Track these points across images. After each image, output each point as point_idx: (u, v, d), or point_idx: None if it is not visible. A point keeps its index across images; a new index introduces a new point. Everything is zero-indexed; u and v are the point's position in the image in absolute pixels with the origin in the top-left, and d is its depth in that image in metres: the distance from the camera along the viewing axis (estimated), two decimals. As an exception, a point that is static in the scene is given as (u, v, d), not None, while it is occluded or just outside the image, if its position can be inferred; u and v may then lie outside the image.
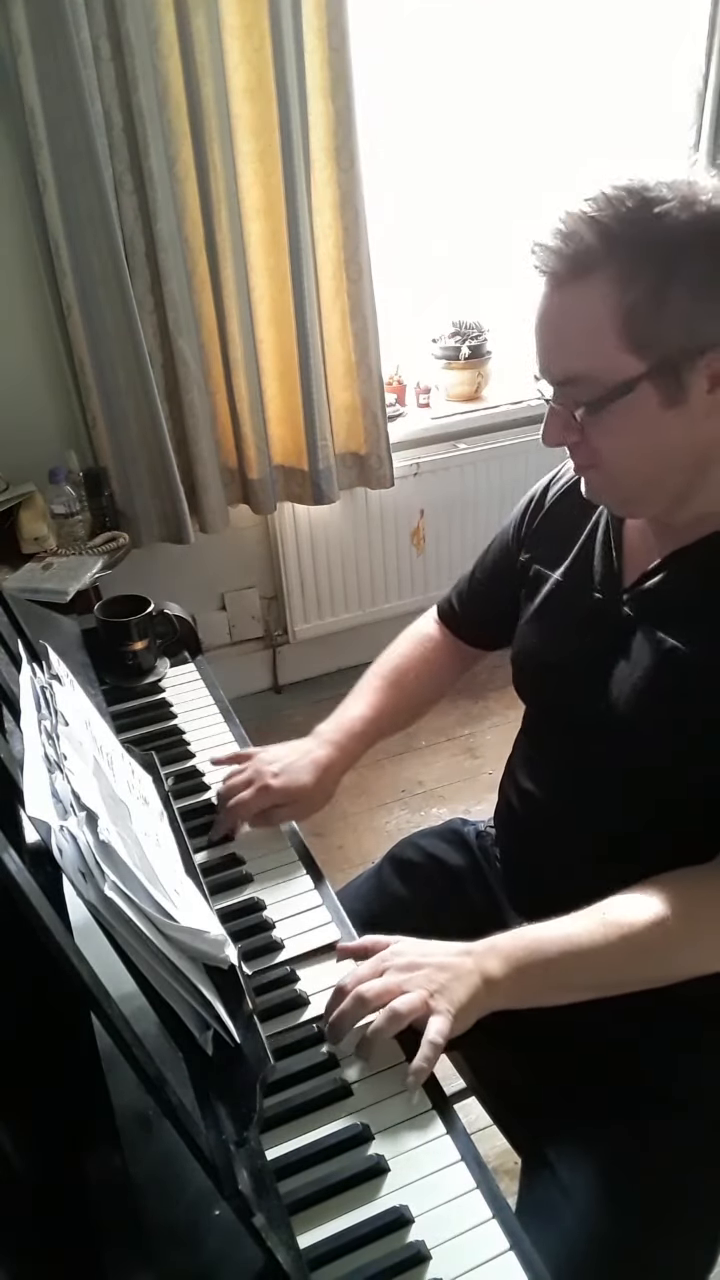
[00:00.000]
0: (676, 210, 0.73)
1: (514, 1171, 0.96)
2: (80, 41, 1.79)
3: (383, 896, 1.14)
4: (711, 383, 0.77)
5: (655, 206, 0.74)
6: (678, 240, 0.73)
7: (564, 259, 0.76)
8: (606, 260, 0.75)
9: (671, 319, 0.74)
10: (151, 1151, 0.61)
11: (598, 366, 0.77)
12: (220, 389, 2.23)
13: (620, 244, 0.74)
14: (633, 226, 0.74)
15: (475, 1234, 0.67)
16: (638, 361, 0.76)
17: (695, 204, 0.74)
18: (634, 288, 0.74)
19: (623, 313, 0.75)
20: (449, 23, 2.24)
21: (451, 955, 0.80)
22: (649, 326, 0.75)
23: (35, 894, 0.51)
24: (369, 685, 1.19)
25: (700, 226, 0.73)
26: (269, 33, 1.91)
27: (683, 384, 0.77)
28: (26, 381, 2.15)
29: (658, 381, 0.76)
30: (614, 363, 0.76)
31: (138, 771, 0.98)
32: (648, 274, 0.74)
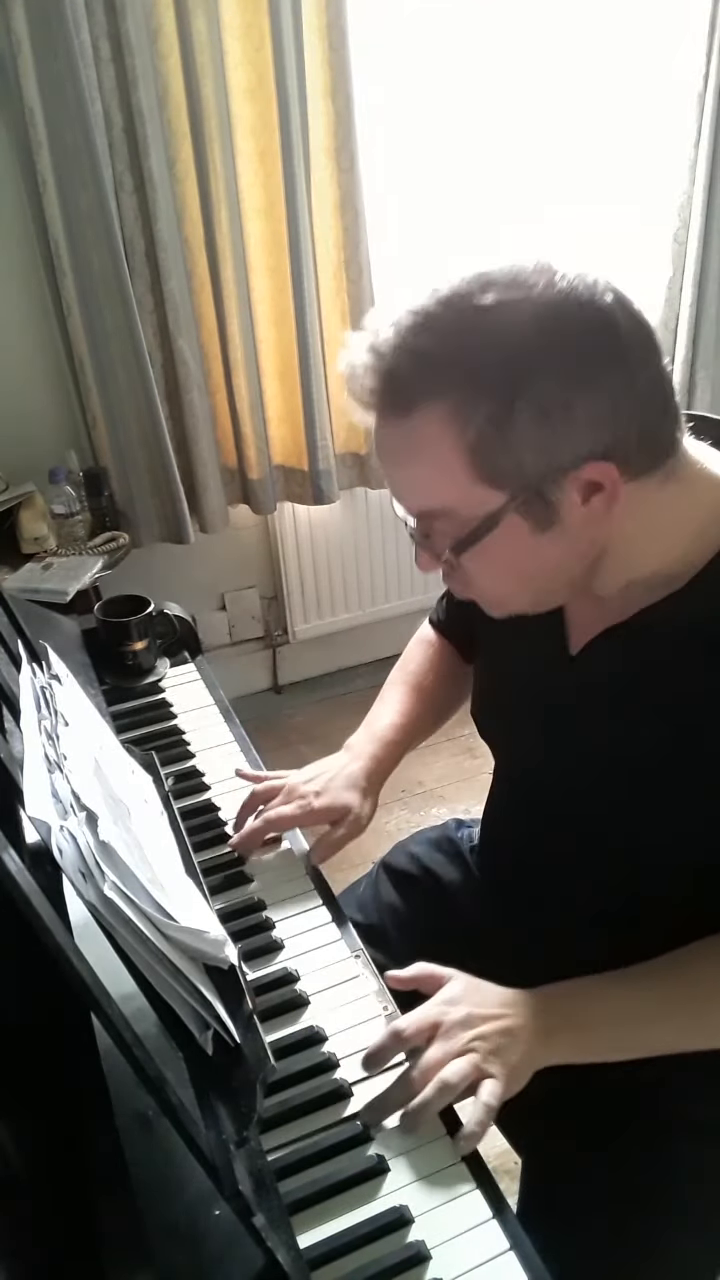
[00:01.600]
0: (503, 319, 0.64)
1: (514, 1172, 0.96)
2: (80, 41, 1.79)
3: (380, 907, 1.13)
4: (584, 495, 0.68)
5: (480, 318, 0.64)
6: (511, 361, 0.64)
7: (384, 396, 0.68)
8: (433, 392, 0.65)
9: (522, 448, 0.65)
10: (151, 1151, 0.61)
11: (451, 502, 0.69)
12: (220, 389, 2.23)
13: (446, 374, 0.65)
14: (457, 350, 0.64)
15: (475, 1234, 0.67)
16: (496, 493, 0.68)
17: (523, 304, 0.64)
18: (473, 419, 0.64)
19: (466, 448, 0.66)
20: (449, 22, 2.23)
21: (508, 1009, 0.76)
22: (499, 459, 0.66)
23: (35, 894, 0.51)
24: (392, 693, 1.13)
25: (532, 333, 0.63)
26: (269, 33, 1.91)
27: (551, 506, 0.68)
28: (26, 382, 2.15)
29: (524, 510, 0.68)
30: (469, 496, 0.68)
31: (138, 771, 0.98)
32: (484, 406, 0.64)
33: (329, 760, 1.06)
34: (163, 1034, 0.67)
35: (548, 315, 0.64)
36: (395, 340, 0.66)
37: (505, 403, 0.64)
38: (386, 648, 2.80)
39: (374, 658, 2.79)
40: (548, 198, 2.46)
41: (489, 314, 0.64)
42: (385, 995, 0.86)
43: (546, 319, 0.64)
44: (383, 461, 0.73)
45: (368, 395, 0.69)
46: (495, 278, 0.65)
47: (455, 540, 0.71)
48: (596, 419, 0.66)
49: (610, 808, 0.83)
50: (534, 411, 0.64)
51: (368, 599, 2.67)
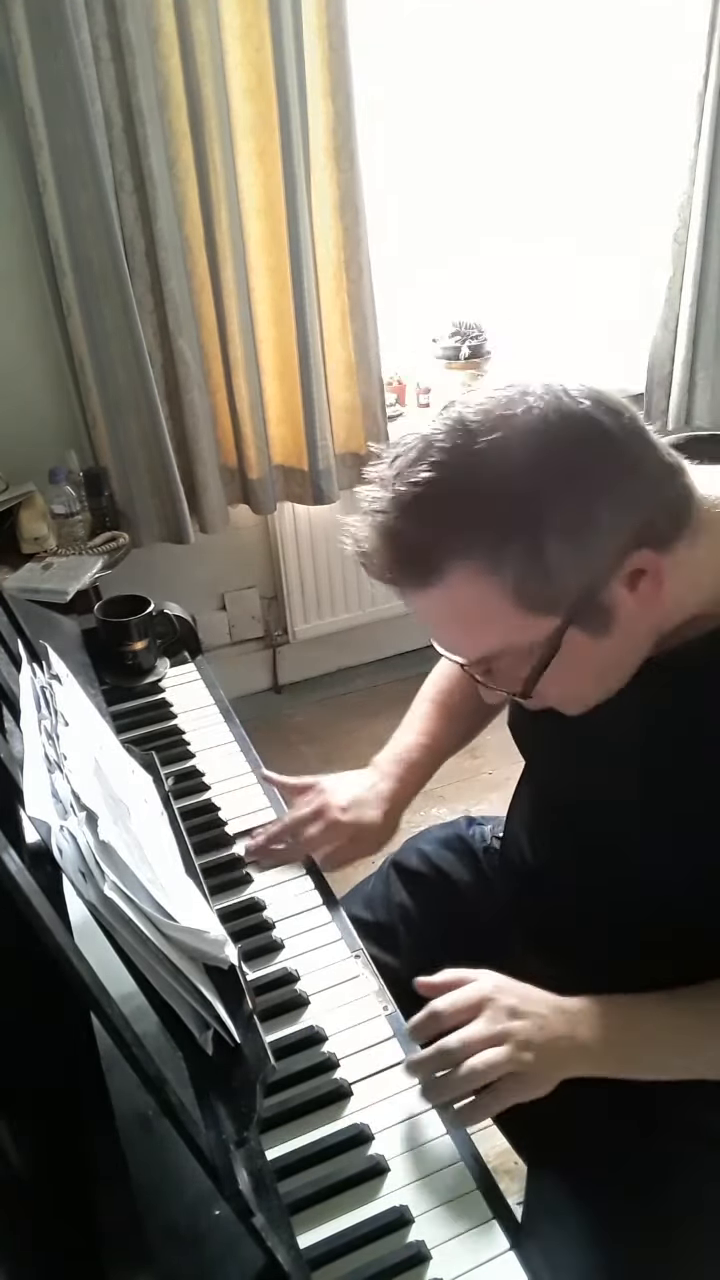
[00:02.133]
0: (498, 461, 0.63)
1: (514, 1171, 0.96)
2: (80, 41, 1.79)
3: (389, 906, 1.12)
4: (631, 585, 0.68)
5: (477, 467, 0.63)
6: (521, 494, 0.63)
7: (409, 574, 0.67)
8: (459, 555, 0.64)
9: (563, 570, 0.65)
10: (151, 1151, 0.61)
11: (510, 642, 0.69)
12: (220, 389, 2.23)
13: (464, 533, 0.64)
14: (467, 507, 0.64)
15: (475, 1234, 0.67)
16: (549, 619, 0.68)
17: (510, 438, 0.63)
18: (506, 566, 0.64)
19: (509, 592, 0.65)
20: (449, 22, 2.24)
21: (550, 1011, 0.76)
22: (544, 590, 0.66)
23: (35, 894, 0.51)
24: (420, 712, 1.13)
25: (533, 461, 0.63)
26: (269, 33, 1.90)
27: (606, 610, 0.68)
28: (26, 382, 2.15)
29: (581, 624, 0.68)
30: (526, 630, 0.68)
31: (138, 771, 0.98)
32: (512, 545, 0.64)
33: (356, 775, 1.07)
34: (163, 1034, 0.67)
35: (537, 445, 0.63)
36: (400, 519, 0.66)
37: (531, 541, 0.64)
38: (386, 648, 2.80)
39: (374, 658, 2.79)
40: (548, 197, 2.46)
41: (481, 465, 0.64)
42: (385, 995, 0.86)
43: (538, 449, 0.63)
44: (425, 623, 0.72)
45: (389, 576, 0.68)
46: (471, 423, 0.64)
47: (528, 672, 0.70)
48: (621, 518, 0.66)
49: (634, 838, 0.82)
50: (561, 538, 0.64)
51: (368, 599, 2.67)
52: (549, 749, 0.94)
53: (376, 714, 2.58)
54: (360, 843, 1.01)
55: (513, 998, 0.76)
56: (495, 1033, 0.73)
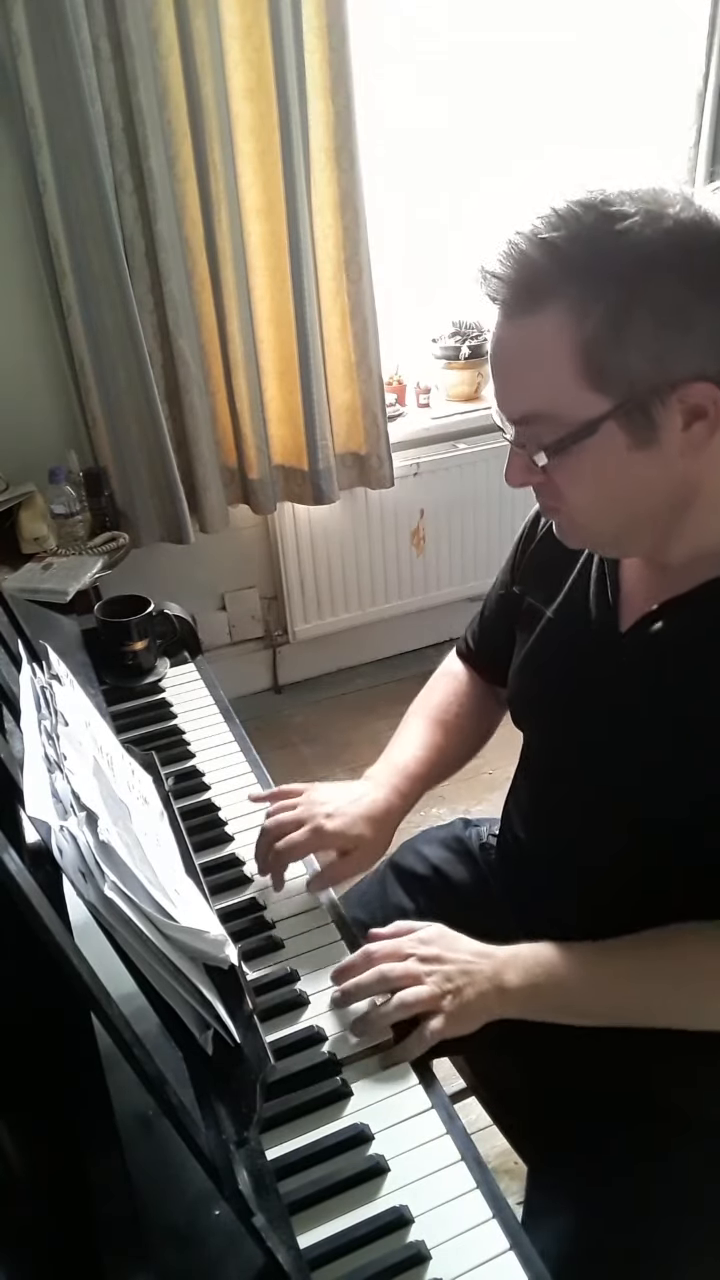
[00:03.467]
0: (639, 226, 0.65)
1: (514, 1171, 0.96)
2: (80, 41, 1.79)
3: (386, 906, 1.12)
4: (686, 419, 0.69)
5: (616, 223, 0.66)
6: (640, 261, 0.65)
7: (513, 286, 0.69)
8: (560, 286, 0.67)
9: (636, 351, 0.66)
10: (151, 1151, 0.61)
11: (556, 405, 0.70)
12: (220, 389, 2.23)
13: (575, 267, 0.67)
14: (589, 247, 0.66)
15: (475, 1234, 0.67)
16: (601, 399, 0.68)
17: (662, 218, 0.66)
18: (592, 316, 0.66)
19: (581, 345, 0.67)
20: (449, 22, 2.24)
21: (473, 956, 0.81)
22: (611, 360, 0.67)
23: (35, 894, 0.51)
24: (415, 726, 1.10)
25: (666, 244, 0.65)
26: (269, 33, 1.91)
27: (653, 422, 0.69)
28: (26, 382, 2.15)
29: (624, 421, 0.69)
30: (574, 401, 0.69)
31: (138, 771, 0.98)
32: (607, 300, 0.66)
33: (347, 785, 1.03)
34: (163, 1034, 0.67)
35: (679, 230, 0.66)
36: (531, 234, 0.68)
37: (625, 303, 0.66)
38: (386, 648, 2.80)
39: (374, 658, 2.80)
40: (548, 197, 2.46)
41: (625, 221, 0.66)
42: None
43: (678, 233, 0.66)
44: (496, 360, 0.74)
45: (498, 286, 0.70)
46: (637, 193, 0.67)
47: (554, 441, 0.71)
48: (712, 338, 0.67)
49: (649, 790, 0.82)
50: (652, 316, 0.66)
51: (368, 599, 2.67)
52: (559, 712, 0.92)
53: (376, 714, 2.58)
54: (350, 859, 0.97)
55: (437, 945, 0.82)
56: (419, 970, 0.79)
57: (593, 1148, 0.87)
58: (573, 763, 0.91)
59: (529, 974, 0.80)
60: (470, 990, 0.79)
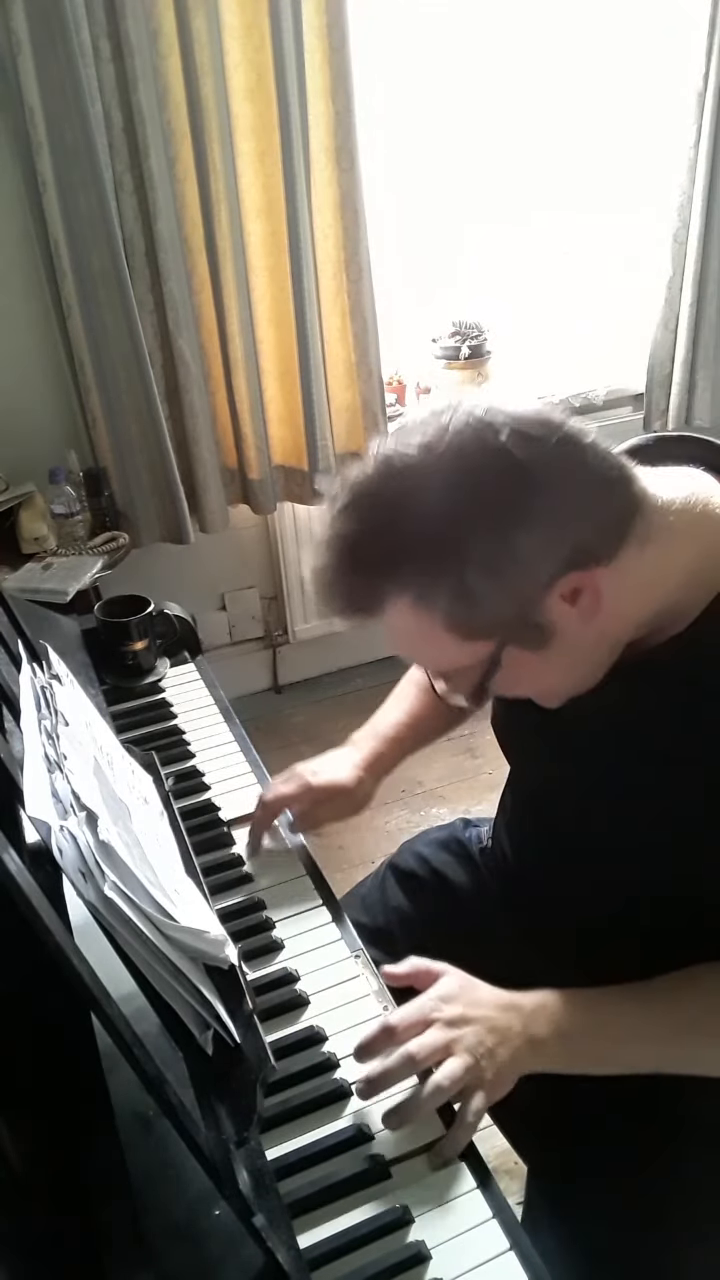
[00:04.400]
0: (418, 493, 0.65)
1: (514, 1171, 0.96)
2: (80, 41, 1.79)
3: (386, 909, 1.12)
4: (570, 601, 0.69)
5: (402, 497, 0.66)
6: (441, 531, 0.65)
7: (353, 612, 0.71)
8: (393, 592, 0.68)
9: (491, 602, 0.67)
10: (151, 1151, 0.61)
11: (453, 663, 0.73)
12: (220, 389, 2.23)
13: (394, 572, 0.67)
14: (394, 549, 0.66)
15: (475, 1234, 0.67)
16: (486, 643, 0.70)
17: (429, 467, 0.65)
18: (436, 600, 0.67)
19: (442, 622, 0.68)
20: (449, 22, 2.24)
21: (500, 1011, 0.76)
22: (473, 619, 0.68)
23: (35, 894, 0.51)
24: (403, 691, 1.15)
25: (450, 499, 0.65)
26: (269, 33, 1.90)
27: (543, 627, 0.70)
28: (27, 382, 2.15)
29: (519, 642, 0.70)
30: (464, 655, 0.71)
31: (138, 771, 0.98)
32: (438, 582, 0.66)
33: (332, 751, 1.09)
34: (163, 1034, 0.67)
35: (454, 483, 0.65)
36: (336, 571, 0.69)
37: (454, 577, 0.66)
38: (386, 648, 2.79)
39: (374, 658, 2.79)
40: (548, 197, 2.46)
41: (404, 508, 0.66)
42: (385, 995, 0.86)
43: (454, 487, 0.65)
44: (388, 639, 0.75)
45: (339, 613, 0.72)
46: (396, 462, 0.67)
47: (470, 689, 0.74)
48: (545, 546, 0.66)
49: (604, 836, 0.83)
50: (481, 572, 0.66)
51: (368, 599, 2.67)
52: (526, 749, 0.95)
53: (376, 714, 2.58)
54: (333, 803, 1.03)
55: (460, 1002, 0.76)
56: (449, 1038, 0.74)
57: (593, 1148, 0.87)
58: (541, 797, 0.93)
59: (558, 1025, 0.76)
60: (503, 1051, 0.74)
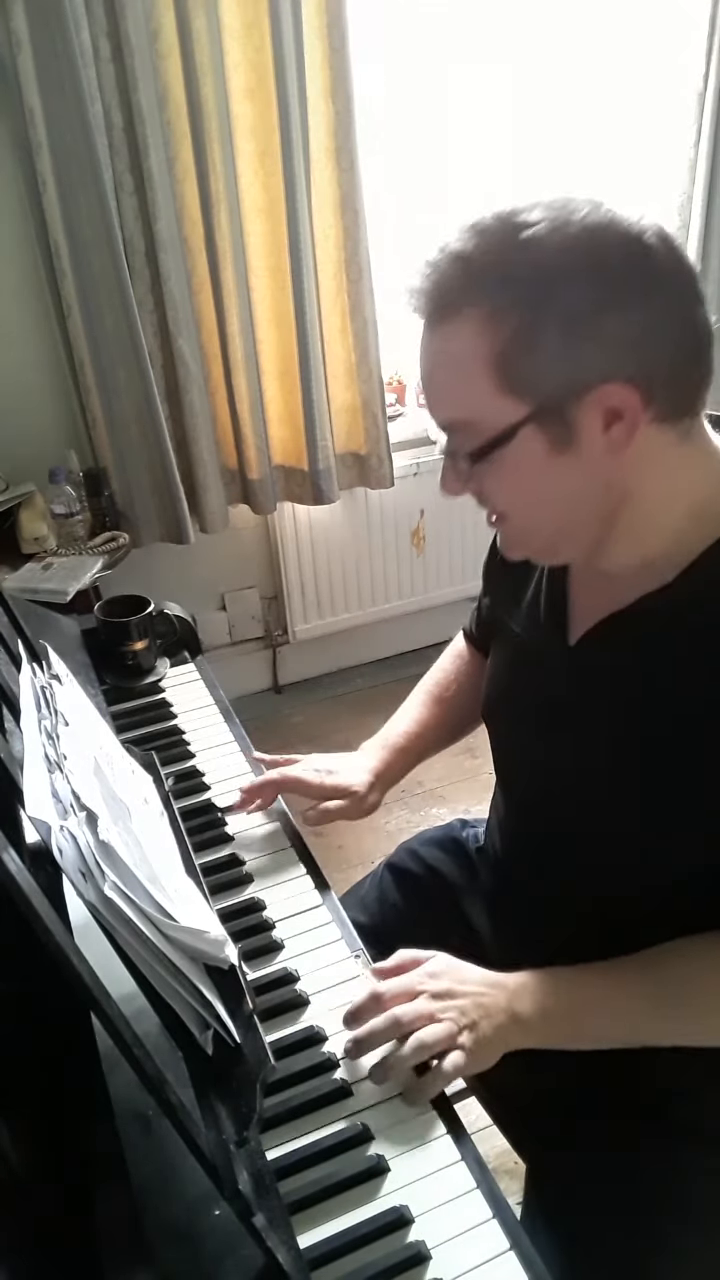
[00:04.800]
0: (545, 235, 0.66)
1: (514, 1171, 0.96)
2: (80, 41, 1.79)
3: (383, 908, 1.13)
4: (605, 421, 0.69)
5: (522, 232, 0.67)
6: (546, 272, 0.66)
7: (430, 299, 0.71)
8: (471, 299, 0.68)
9: (548, 357, 0.67)
10: (151, 1151, 0.61)
11: (475, 412, 0.71)
12: (220, 389, 2.23)
13: (484, 280, 0.68)
14: (498, 260, 0.68)
15: (475, 1234, 0.67)
16: (517, 405, 0.69)
17: (567, 225, 0.66)
18: (503, 327, 0.67)
19: (494, 355, 0.68)
20: (450, 22, 2.23)
21: (486, 987, 0.79)
22: (524, 367, 0.68)
23: (35, 894, 0.51)
24: (414, 700, 1.18)
25: (570, 252, 0.66)
26: (269, 33, 1.91)
27: (570, 426, 0.69)
28: (26, 381, 2.15)
29: (542, 426, 0.70)
30: (491, 408, 0.70)
31: (138, 771, 0.98)
32: (516, 311, 0.67)
33: (341, 754, 1.11)
34: (163, 1034, 0.67)
35: (586, 236, 0.67)
36: (446, 250, 0.70)
37: (534, 311, 0.67)
38: (386, 648, 2.80)
39: (374, 658, 2.79)
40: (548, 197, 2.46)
41: (532, 230, 0.67)
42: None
43: (584, 238, 0.66)
44: (422, 368, 0.75)
45: (416, 298, 0.72)
46: (546, 201, 0.68)
47: (475, 448, 0.72)
48: (623, 340, 0.67)
49: (607, 804, 0.82)
50: (561, 323, 0.67)
51: (368, 599, 2.67)
52: (518, 725, 0.94)
53: (376, 714, 2.56)
54: (341, 805, 1.04)
55: (447, 978, 0.80)
56: (433, 1008, 0.77)
57: (593, 1148, 0.87)
58: (528, 778, 0.93)
59: (541, 1001, 0.79)
60: (486, 1024, 0.77)
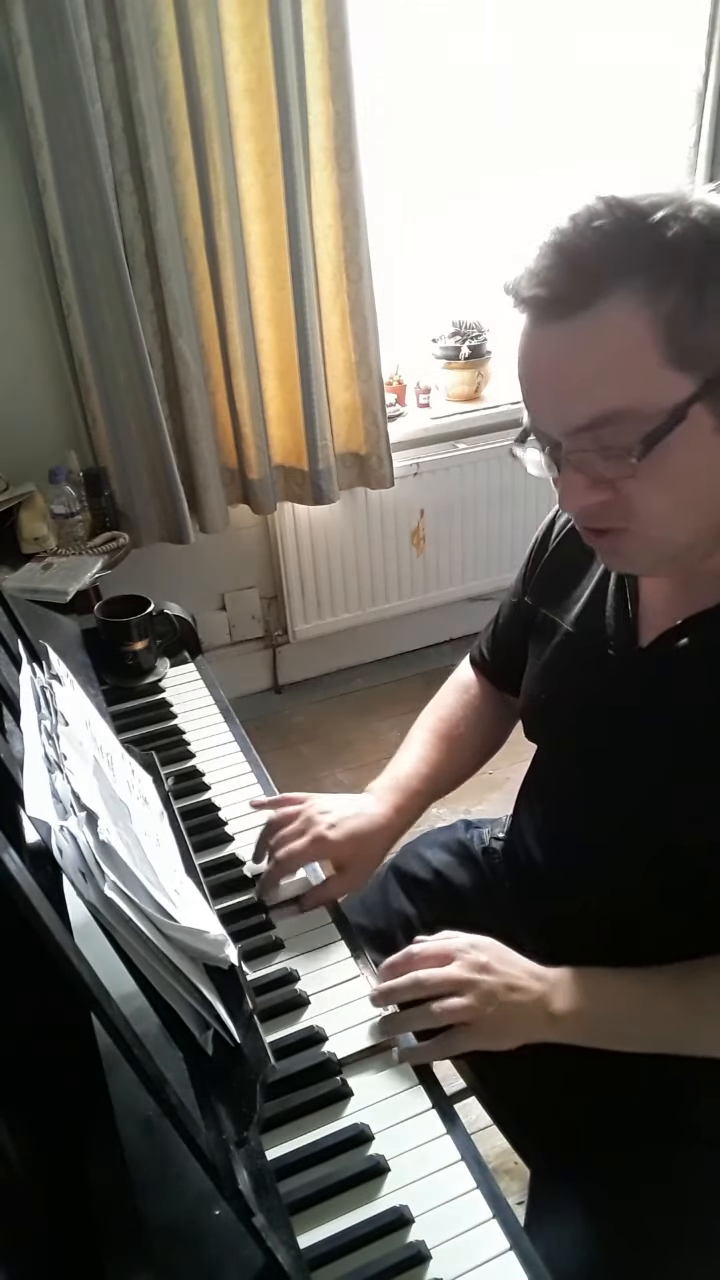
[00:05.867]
0: (674, 214, 0.63)
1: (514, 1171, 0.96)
2: (80, 41, 1.79)
3: (388, 911, 1.11)
4: None
5: (649, 215, 0.63)
6: (696, 238, 0.63)
7: (568, 281, 0.65)
8: (625, 272, 0.63)
9: (716, 325, 0.64)
10: (151, 1151, 0.61)
11: (639, 397, 0.65)
12: (220, 389, 2.23)
13: (635, 252, 0.63)
14: (642, 233, 0.63)
15: (475, 1234, 0.67)
16: (686, 380, 0.64)
17: (687, 207, 0.63)
18: (668, 293, 0.63)
19: (662, 324, 0.63)
20: (450, 22, 2.24)
21: (526, 975, 0.79)
22: (695, 335, 0.63)
23: (35, 894, 0.51)
24: (420, 739, 1.09)
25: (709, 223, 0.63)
26: (269, 33, 1.91)
27: None
28: (26, 382, 2.15)
29: (711, 401, 0.65)
30: (658, 387, 0.65)
31: (138, 771, 0.98)
32: (680, 277, 0.63)
33: (349, 798, 1.02)
34: (163, 1034, 0.67)
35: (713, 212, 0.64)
36: (580, 235, 0.64)
37: (697, 280, 0.63)
38: (386, 648, 2.80)
39: (374, 658, 2.79)
40: (548, 197, 2.46)
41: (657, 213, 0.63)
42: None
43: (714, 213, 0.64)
44: (545, 373, 0.69)
45: (546, 289, 0.65)
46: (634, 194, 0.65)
47: (642, 436, 0.65)
48: None
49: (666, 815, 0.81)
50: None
51: (368, 599, 2.67)
52: (563, 732, 0.92)
53: (376, 714, 2.58)
54: (348, 874, 0.97)
55: (487, 955, 0.80)
56: (463, 978, 0.77)
57: (594, 1148, 0.87)
58: (583, 782, 0.90)
59: (579, 1000, 0.78)
60: (513, 1008, 0.76)
